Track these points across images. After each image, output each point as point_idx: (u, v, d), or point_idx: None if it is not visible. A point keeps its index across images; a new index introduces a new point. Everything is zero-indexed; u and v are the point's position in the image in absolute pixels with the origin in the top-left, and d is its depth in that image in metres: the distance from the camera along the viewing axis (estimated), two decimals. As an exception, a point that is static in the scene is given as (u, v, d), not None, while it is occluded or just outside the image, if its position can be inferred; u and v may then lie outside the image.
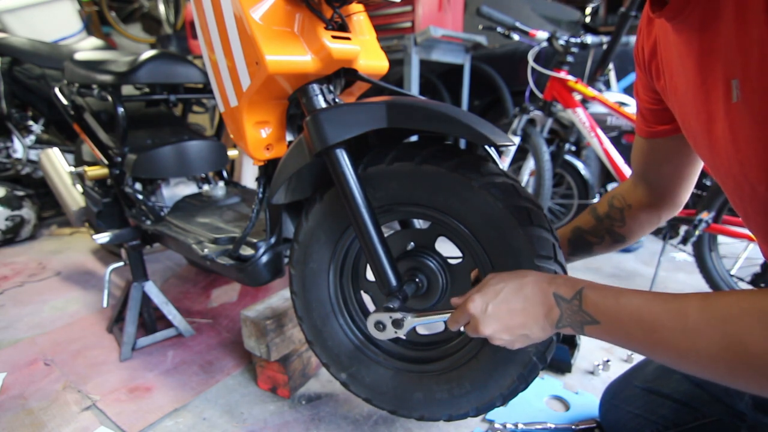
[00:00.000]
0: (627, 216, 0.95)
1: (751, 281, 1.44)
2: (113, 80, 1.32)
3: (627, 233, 0.96)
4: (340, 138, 0.78)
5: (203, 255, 1.14)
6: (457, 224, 0.80)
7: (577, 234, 1.01)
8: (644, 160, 0.88)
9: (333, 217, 0.91)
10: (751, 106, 0.47)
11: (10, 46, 2.27)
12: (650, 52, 0.71)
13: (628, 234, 0.96)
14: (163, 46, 3.57)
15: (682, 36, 0.57)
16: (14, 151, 2.42)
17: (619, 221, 0.96)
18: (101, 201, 1.48)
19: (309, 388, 1.18)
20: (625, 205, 0.95)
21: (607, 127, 2.01)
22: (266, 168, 1.06)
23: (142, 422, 1.06)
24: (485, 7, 1.85)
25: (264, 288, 1.80)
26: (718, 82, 0.51)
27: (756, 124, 0.47)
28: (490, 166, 0.78)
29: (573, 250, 1.02)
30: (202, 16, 0.90)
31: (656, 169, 0.87)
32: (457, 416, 0.89)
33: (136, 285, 1.38)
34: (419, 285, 0.88)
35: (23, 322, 1.57)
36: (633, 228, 0.95)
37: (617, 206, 0.96)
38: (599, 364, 1.22)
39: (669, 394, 0.85)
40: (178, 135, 1.56)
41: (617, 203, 0.96)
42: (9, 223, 2.33)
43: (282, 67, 0.82)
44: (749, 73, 0.46)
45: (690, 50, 0.55)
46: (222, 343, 1.41)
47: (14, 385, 1.21)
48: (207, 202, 1.52)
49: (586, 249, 1.01)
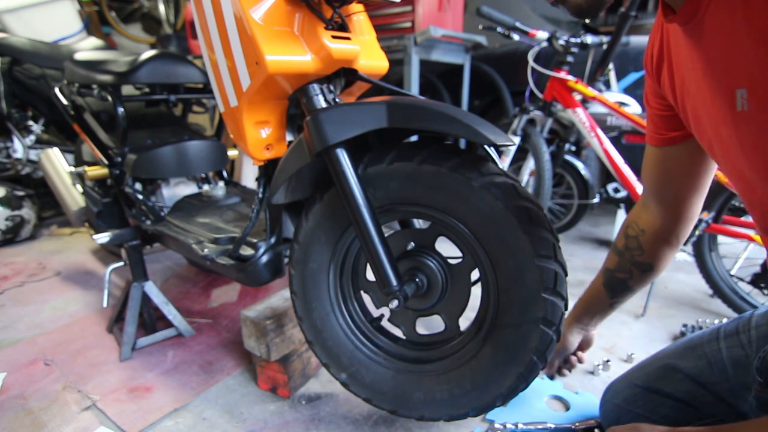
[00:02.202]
0: (644, 243, 0.94)
1: (751, 281, 1.44)
2: (113, 80, 1.31)
3: (651, 260, 0.95)
4: (341, 138, 0.78)
5: (203, 255, 1.14)
6: (457, 224, 0.80)
7: (608, 276, 1.01)
8: (657, 171, 0.87)
9: (333, 217, 0.91)
10: (758, 116, 0.47)
11: (10, 46, 2.27)
12: (659, 58, 0.72)
13: (652, 261, 0.95)
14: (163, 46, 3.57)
15: (693, 41, 0.57)
16: (14, 151, 2.41)
17: (637, 250, 0.95)
18: (101, 201, 1.48)
19: (309, 388, 1.18)
20: (639, 232, 0.94)
21: (607, 127, 2.01)
22: (266, 168, 1.06)
23: (142, 422, 1.06)
24: (485, 7, 1.85)
25: (264, 288, 1.80)
26: (725, 89, 0.52)
27: (764, 133, 0.47)
28: (490, 166, 0.78)
29: (611, 293, 1.01)
30: (202, 16, 0.90)
31: (669, 180, 0.86)
32: (457, 416, 0.89)
33: (136, 285, 1.37)
34: (419, 285, 0.88)
35: (23, 322, 1.57)
36: (654, 254, 0.94)
37: (632, 235, 0.96)
38: (599, 364, 1.22)
39: (671, 393, 0.85)
40: (178, 135, 1.57)
41: (631, 232, 0.96)
42: (9, 223, 2.33)
43: (282, 67, 0.82)
44: (758, 84, 0.46)
45: (700, 55, 0.56)
46: (222, 343, 1.41)
47: (14, 385, 1.21)
48: (207, 202, 1.52)
49: (621, 288, 1.00)
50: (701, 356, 0.84)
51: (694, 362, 0.84)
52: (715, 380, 0.81)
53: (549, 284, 0.75)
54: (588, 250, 2.22)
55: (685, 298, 1.69)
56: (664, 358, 0.90)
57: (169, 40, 3.58)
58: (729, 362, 0.80)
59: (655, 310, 1.58)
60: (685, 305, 1.63)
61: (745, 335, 0.80)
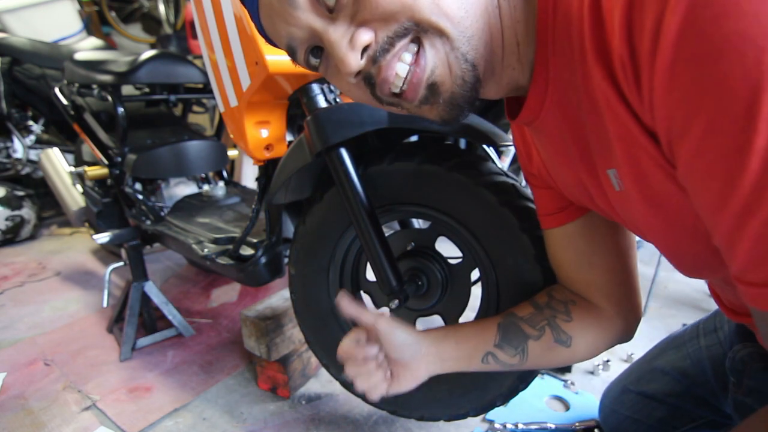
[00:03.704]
0: (573, 311, 0.71)
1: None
2: (113, 80, 1.32)
3: (573, 332, 0.70)
4: (341, 138, 0.78)
5: (203, 255, 1.14)
6: (457, 224, 0.80)
7: (509, 320, 0.72)
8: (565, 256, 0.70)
9: (333, 217, 0.91)
10: (636, 192, 0.45)
11: (10, 46, 2.27)
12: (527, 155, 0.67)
13: (574, 333, 0.70)
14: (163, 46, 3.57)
15: (548, 136, 0.55)
16: (14, 151, 2.41)
17: (563, 314, 0.71)
18: (101, 201, 1.49)
19: (309, 388, 1.18)
20: (568, 299, 0.72)
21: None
22: (266, 168, 1.06)
23: (142, 422, 1.06)
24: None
25: (264, 288, 1.80)
26: (598, 171, 0.50)
27: (650, 207, 0.46)
28: (490, 165, 0.78)
29: (503, 335, 0.71)
30: (202, 16, 0.90)
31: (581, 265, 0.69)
32: (457, 416, 0.89)
33: (136, 285, 1.37)
34: (419, 285, 0.88)
35: (23, 322, 1.57)
36: (581, 328, 0.70)
37: (559, 299, 0.72)
38: (599, 364, 1.22)
39: (663, 398, 0.85)
40: (178, 135, 1.57)
41: (559, 296, 0.72)
42: (9, 223, 2.33)
43: (282, 67, 0.82)
44: (621, 163, 0.44)
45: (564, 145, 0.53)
46: (222, 343, 1.41)
47: (14, 385, 1.21)
48: (207, 202, 1.52)
49: (517, 339, 0.71)
50: (685, 356, 0.84)
51: (680, 363, 0.84)
52: (699, 381, 0.81)
53: (549, 284, 0.75)
54: (588, 250, 2.22)
55: (685, 297, 1.69)
56: (652, 360, 0.90)
57: (169, 40, 3.58)
58: (709, 362, 0.80)
59: (655, 310, 1.58)
60: (685, 305, 1.63)
61: (721, 332, 0.80)
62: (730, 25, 0.30)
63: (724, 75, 0.31)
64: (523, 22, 0.46)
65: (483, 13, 0.43)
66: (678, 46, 0.32)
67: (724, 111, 0.32)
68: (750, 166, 0.32)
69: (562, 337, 0.70)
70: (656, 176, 0.42)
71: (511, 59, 0.48)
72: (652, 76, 0.35)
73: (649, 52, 0.34)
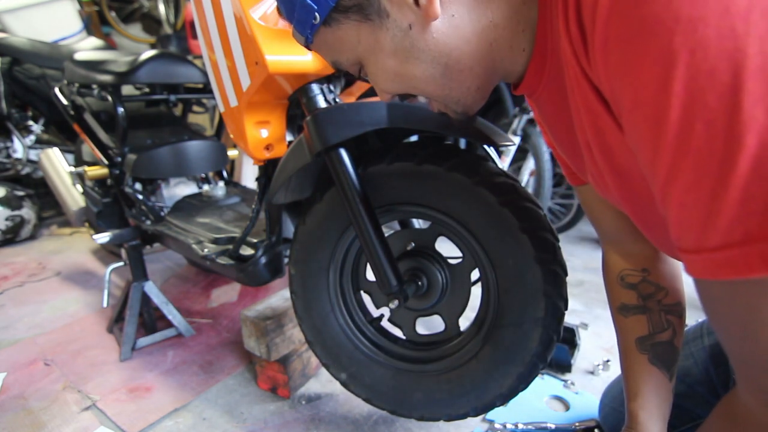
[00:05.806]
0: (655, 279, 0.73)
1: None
2: (113, 80, 1.32)
3: (678, 296, 0.75)
4: (341, 138, 0.78)
5: (203, 255, 1.14)
6: (456, 224, 0.80)
7: (644, 344, 0.73)
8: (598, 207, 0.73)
9: (333, 217, 0.91)
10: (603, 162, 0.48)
11: (10, 46, 2.27)
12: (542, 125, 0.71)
13: (681, 297, 0.75)
14: (163, 46, 3.57)
15: (548, 109, 0.59)
16: (14, 151, 2.42)
17: (661, 292, 0.73)
18: (101, 201, 1.49)
19: (309, 388, 1.18)
20: (641, 273, 0.73)
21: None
22: (266, 168, 1.06)
23: (142, 422, 1.06)
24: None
25: (264, 288, 1.80)
26: (581, 145, 0.53)
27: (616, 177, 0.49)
28: (489, 165, 0.78)
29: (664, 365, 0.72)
30: (202, 16, 0.90)
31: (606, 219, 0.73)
32: (457, 416, 0.89)
33: (136, 285, 1.37)
34: (419, 285, 0.88)
35: (23, 322, 1.57)
36: (675, 285, 0.74)
37: (636, 282, 0.73)
38: (599, 364, 1.22)
39: None
40: (178, 135, 1.57)
41: (633, 279, 0.73)
42: (9, 223, 2.33)
43: (282, 67, 0.82)
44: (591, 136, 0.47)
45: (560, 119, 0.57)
46: (222, 343, 1.41)
47: (14, 385, 1.21)
48: (207, 202, 1.52)
49: (668, 350, 0.73)
50: (688, 356, 0.84)
51: (683, 362, 0.84)
52: (701, 380, 0.81)
53: (549, 284, 0.75)
54: (588, 250, 2.22)
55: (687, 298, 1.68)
56: None
57: (169, 40, 3.58)
58: (711, 360, 0.80)
59: (655, 310, 1.58)
60: (688, 305, 1.62)
61: None
62: (647, 7, 0.33)
63: (643, 52, 0.34)
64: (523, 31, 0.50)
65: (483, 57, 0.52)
66: (608, 25, 0.36)
67: (644, 85, 0.34)
68: (666, 137, 0.34)
69: (679, 312, 0.74)
70: (616, 146, 0.44)
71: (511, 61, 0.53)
72: (594, 53, 0.38)
73: (591, 31, 0.38)
